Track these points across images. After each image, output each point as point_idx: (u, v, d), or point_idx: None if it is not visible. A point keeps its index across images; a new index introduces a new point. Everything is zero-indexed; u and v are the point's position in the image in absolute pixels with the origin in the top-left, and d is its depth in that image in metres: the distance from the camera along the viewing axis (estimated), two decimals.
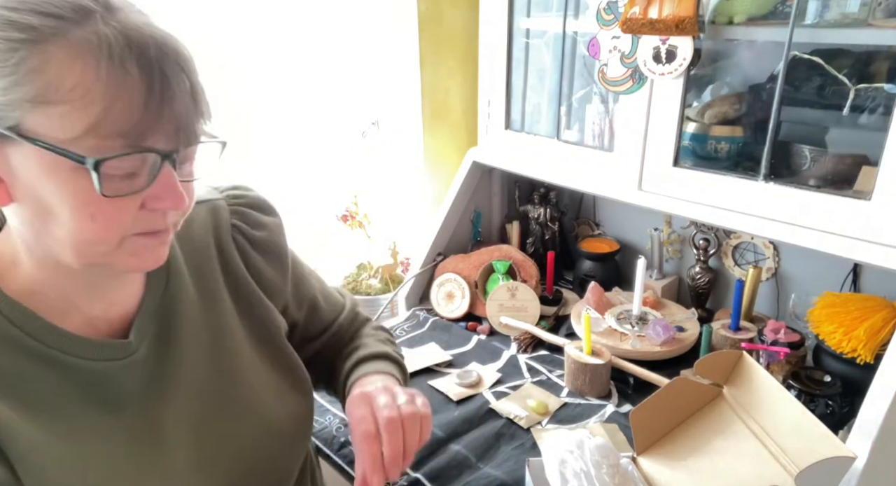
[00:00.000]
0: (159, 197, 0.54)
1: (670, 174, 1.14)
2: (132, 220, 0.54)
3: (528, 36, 1.39)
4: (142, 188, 0.52)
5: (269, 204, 0.80)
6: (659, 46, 1.08)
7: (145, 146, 0.51)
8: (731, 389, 0.89)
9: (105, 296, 0.62)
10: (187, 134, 0.53)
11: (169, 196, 0.54)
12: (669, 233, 1.45)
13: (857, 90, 0.98)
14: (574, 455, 0.84)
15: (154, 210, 0.55)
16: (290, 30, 1.62)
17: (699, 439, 0.88)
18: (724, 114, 1.15)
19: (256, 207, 0.77)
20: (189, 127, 0.53)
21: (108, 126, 0.48)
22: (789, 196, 1.00)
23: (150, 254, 0.57)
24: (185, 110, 0.52)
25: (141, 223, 0.54)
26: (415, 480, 0.97)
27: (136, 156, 0.51)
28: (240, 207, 0.76)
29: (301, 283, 0.83)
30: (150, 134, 0.50)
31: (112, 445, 0.60)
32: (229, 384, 0.69)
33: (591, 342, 1.18)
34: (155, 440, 0.62)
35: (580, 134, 1.36)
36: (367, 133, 1.68)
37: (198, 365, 0.67)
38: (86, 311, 0.61)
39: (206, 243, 0.71)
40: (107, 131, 0.48)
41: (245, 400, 0.70)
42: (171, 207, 0.54)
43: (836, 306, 1.06)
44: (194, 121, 0.54)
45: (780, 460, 0.77)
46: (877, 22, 0.91)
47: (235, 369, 0.71)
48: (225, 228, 0.73)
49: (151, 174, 0.52)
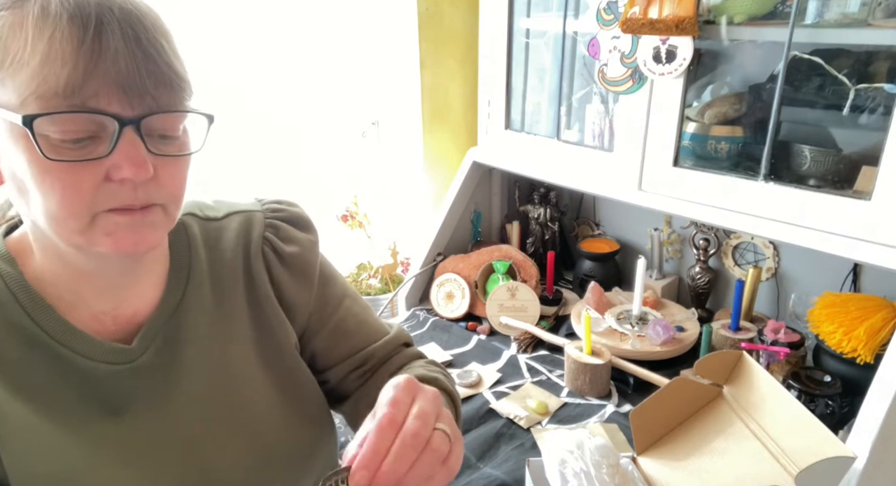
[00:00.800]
0: (118, 166, 0.51)
1: (670, 174, 1.14)
2: (95, 192, 0.51)
3: (528, 36, 1.39)
4: (101, 156, 0.51)
5: (307, 221, 0.77)
6: (659, 46, 1.08)
7: (90, 107, 0.49)
8: (731, 389, 0.89)
9: (114, 293, 0.61)
10: (142, 98, 0.51)
11: (127, 164, 0.51)
12: (669, 233, 1.45)
13: (857, 90, 0.98)
14: (574, 455, 0.84)
15: (121, 182, 0.52)
16: (290, 30, 1.62)
17: (699, 439, 0.88)
18: (724, 114, 1.15)
19: (292, 221, 0.75)
20: (142, 90, 0.51)
21: (43, 84, 0.48)
22: (789, 196, 1.00)
23: (127, 236, 0.54)
24: (130, 70, 0.50)
25: (109, 198, 0.52)
26: None
27: (80, 117, 0.49)
28: (276, 220, 0.74)
29: (328, 303, 0.78)
30: (87, 93, 0.49)
31: (101, 445, 0.59)
32: (230, 405, 0.67)
33: (591, 342, 1.18)
34: (144, 451, 0.61)
35: (580, 134, 1.36)
36: (367, 133, 1.68)
37: (201, 380, 0.65)
38: (92, 306, 0.61)
39: (235, 255, 0.70)
40: (44, 90, 0.48)
41: (243, 422, 0.68)
42: (129, 175, 0.51)
43: (836, 306, 1.06)
44: (151, 85, 0.51)
45: (780, 460, 0.77)
46: (877, 22, 0.91)
47: (239, 390, 0.68)
48: (256, 241, 0.71)
49: (112, 142, 0.51)
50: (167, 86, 0.52)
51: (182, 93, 0.54)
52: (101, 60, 0.49)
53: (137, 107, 0.51)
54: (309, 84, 1.70)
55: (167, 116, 0.54)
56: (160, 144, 0.54)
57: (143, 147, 0.52)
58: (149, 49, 0.51)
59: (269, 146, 1.70)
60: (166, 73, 0.52)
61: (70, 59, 0.48)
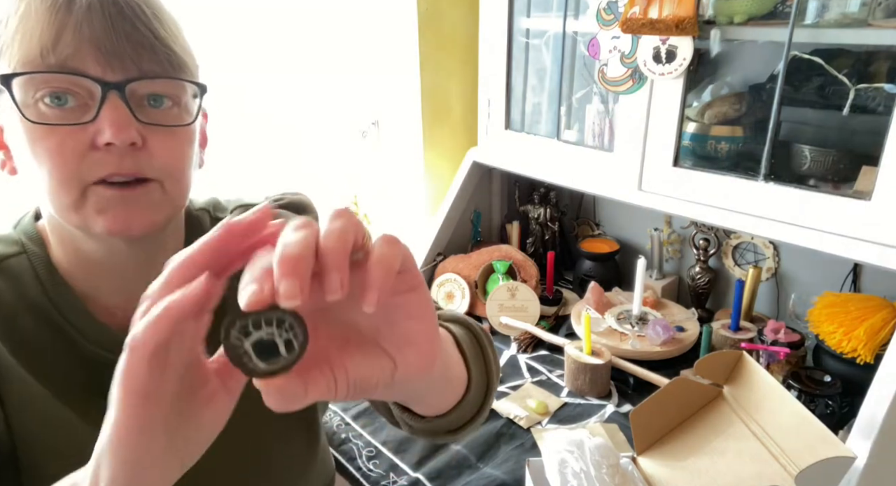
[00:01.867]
0: (101, 130, 0.51)
1: (670, 174, 1.14)
2: (81, 159, 0.51)
3: (528, 36, 1.39)
4: (86, 121, 0.51)
5: (307, 204, 0.77)
6: (659, 46, 1.08)
7: (69, 67, 0.49)
8: (731, 389, 0.89)
9: (126, 286, 0.60)
10: (122, 61, 0.51)
11: (108, 127, 0.50)
12: (669, 233, 1.45)
13: (857, 90, 0.98)
14: (574, 455, 0.84)
15: (106, 150, 0.51)
16: (289, 30, 1.62)
17: (699, 439, 0.88)
18: (724, 114, 1.15)
19: (291, 207, 0.76)
20: (120, 52, 0.50)
21: (22, 47, 0.49)
22: (789, 196, 1.00)
23: (119, 213, 0.53)
24: (105, 29, 0.50)
25: (95, 166, 0.52)
26: (415, 480, 0.97)
27: (58, 77, 0.50)
28: (275, 209, 0.74)
29: None
30: (65, 52, 0.49)
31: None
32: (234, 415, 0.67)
33: (591, 342, 1.18)
34: None
35: (580, 134, 1.35)
36: (367, 133, 1.67)
37: None
38: (105, 298, 0.61)
39: None
40: (24, 53, 0.49)
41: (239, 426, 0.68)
42: (109, 138, 0.51)
43: (836, 306, 1.06)
44: (129, 48, 0.51)
45: (780, 460, 0.77)
46: (877, 22, 0.91)
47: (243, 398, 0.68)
48: None
49: (97, 108, 0.51)
50: (149, 50, 0.52)
51: (169, 62, 0.53)
52: (70, 17, 0.49)
53: (119, 71, 0.51)
54: (309, 84, 1.70)
55: (154, 84, 0.53)
56: (151, 113, 0.54)
57: (126, 112, 0.51)
58: (125, 10, 0.51)
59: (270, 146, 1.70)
60: (146, 35, 0.52)
61: (43, 17, 0.49)
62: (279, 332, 0.33)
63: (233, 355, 0.32)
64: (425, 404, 0.54)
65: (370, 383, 0.37)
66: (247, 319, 0.32)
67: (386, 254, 0.35)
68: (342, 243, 0.33)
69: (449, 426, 0.57)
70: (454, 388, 0.55)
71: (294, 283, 0.31)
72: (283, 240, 0.33)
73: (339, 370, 0.36)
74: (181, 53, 0.55)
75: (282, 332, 0.33)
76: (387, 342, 0.39)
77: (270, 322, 0.32)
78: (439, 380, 0.51)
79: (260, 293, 0.31)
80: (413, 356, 0.39)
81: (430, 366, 0.40)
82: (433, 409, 0.55)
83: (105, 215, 0.53)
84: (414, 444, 1.04)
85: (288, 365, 0.33)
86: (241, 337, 0.32)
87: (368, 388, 0.38)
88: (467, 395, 0.56)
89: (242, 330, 0.32)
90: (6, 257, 0.59)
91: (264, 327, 0.32)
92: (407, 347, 0.39)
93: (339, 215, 0.35)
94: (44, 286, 0.58)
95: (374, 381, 0.38)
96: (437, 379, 0.50)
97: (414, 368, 0.39)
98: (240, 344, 0.32)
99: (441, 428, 0.57)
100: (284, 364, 0.33)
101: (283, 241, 0.33)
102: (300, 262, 0.32)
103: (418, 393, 0.50)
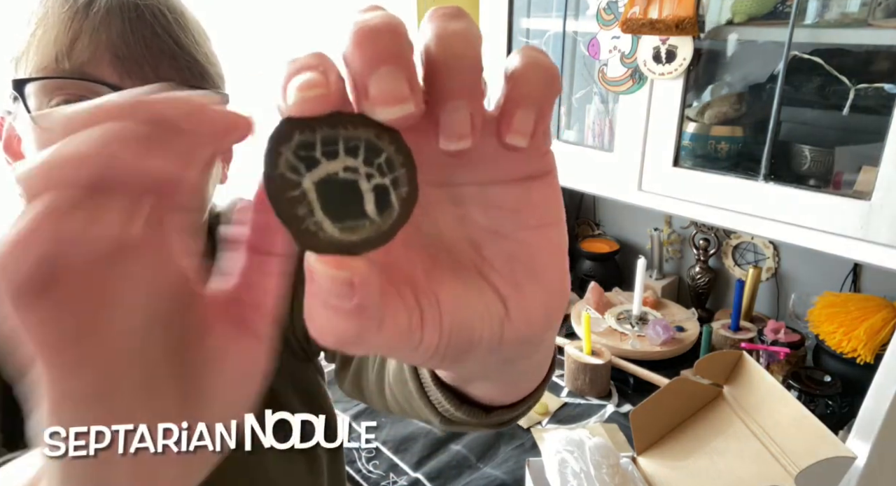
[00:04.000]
0: None
1: (670, 174, 1.14)
2: None
3: (528, 36, 1.39)
4: None
5: None
6: (659, 46, 1.08)
7: (83, 73, 0.48)
8: (731, 389, 0.89)
9: None
10: (140, 67, 0.49)
11: None
12: (669, 233, 1.45)
13: (857, 90, 0.98)
14: (574, 455, 0.84)
15: None
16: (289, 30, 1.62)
17: (699, 439, 0.88)
18: (724, 114, 1.15)
19: None
20: (138, 58, 0.48)
21: (39, 53, 0.48)
22: (789, 196, 1.00)
23: None
24: (123, 34, 0.48)
25: None
26: (415, 480, 0.97)
27: (72, 83, 0.48)
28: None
29: None
30: (80, 58, 0.48)
31: None
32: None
33: (591, 342, 1.18)
34: None
35: (580, 134, 1.35)
36: None
37: None
38: None
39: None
40: (40, 59, 0.48)
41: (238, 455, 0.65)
42: None
43: (836, 306, 1.06)
44: (147, 54, 0.49)
45: (780, 460, 0.77)
46: (877, 22, 0.91)
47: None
48: None
49: None
50: (168, 57, 0.50)
51: (190, 70, 0.51)
52: (87, 21, 0.47)
53: (137, 78, 0.49)
54: None
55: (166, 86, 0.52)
56: None
57: None
58: (146, 15, 0.49)
59: None
60: (166, 42, 0.50)
61: (60, 21, 0.47)
62: (368, 171, 0.18)
63: (278, 197, 0.18)
64: (504, 383, 0.37)
65: (472, 334, 0.24)
66: (314, 131, 0.18)
67: (543, 64, 0.21)
68: (472, 47, 0.20)
69: (503, 419, 0.42)
70: (542, 367, 0.37)
71: (399, 73, 0.18)
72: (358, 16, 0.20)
73: (428, 300, 0.23)
74: (203, 62, 0.53)
75: (373, 172, 0.18)
76: (494, 272, 0.24)
77: (356, 149, 0.18)
78: (545, 348, 0.34)
79: (326, 84, 0.18)
80: (534, 297, 0.25)
81: (557, 316, 0.26)
82: (507, 394, 0.39)
83: None
84: (414, 444, 1.04)
85: (380, 237, 0.18)
86: (298, 164, 0.18)
87: (468, 343, 0.24)
88: (547, 378, 0.40)
89: (304, 150, 0.18)
90: None
91: (343, 156, 0.18)
92: (528, 282, 0.24)
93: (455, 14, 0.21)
94: None
95: (477, 331, 0.24)
96: (546, 345, 0.33)
97: (537, 317, 0.25)
98: (295, 178, 0.18)
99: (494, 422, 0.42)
100: (373, 234, 0.18)
101: (358, 16, 0.20)
102: (400, 42, 0.19)
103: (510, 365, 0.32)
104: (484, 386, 0.39)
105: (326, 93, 0.18)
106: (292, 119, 0.18)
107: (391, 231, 0.19)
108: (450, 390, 0.42)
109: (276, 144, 0.18)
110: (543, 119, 0.21)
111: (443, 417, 0.44)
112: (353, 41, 0.18)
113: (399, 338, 0.22)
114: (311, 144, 0.18)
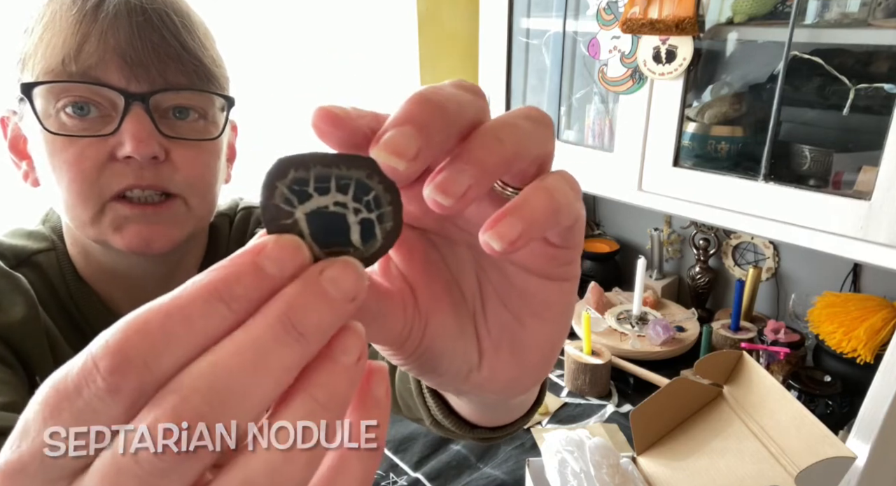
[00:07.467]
0: (121, 142, 0.49)
1: (670, 174, 1.14)
2: (100, 171, 0.50)
3: (528, 36, 1.39)
4: (107, 133, 0.50)
5: None
6: (659, 46, 1.08)
7: (91, 77, 0.48)
8: (731, 389, 0.89)
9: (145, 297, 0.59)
10: (147, 71, 0.49)
11: (129, 139, 0.48)
12: (669, 233, 1.45)
13: (857, 90, 0.98)
14: (574, 455, 0.84)
15: (126, 162, 0.50)
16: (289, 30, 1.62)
17: (699, 439, 0.88)
18: (724, 114, 1.15)
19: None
20: (145, 61, 0.49)
21: (46, 56, 0.48)
22: (789, 196, 1.00)
23: (139, 230, 0.51)
24: (131, 38, 0.48)
25: (114, 178, 0.50)
26: (415, 480, 0.97)
27: (79, 87, 0.48)
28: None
29: None
30: (88, 62, 0.48)
31: None
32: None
33: (591, 342, 1.18)
34: None
35: (580, 134, 1.35)
36: None
37: None
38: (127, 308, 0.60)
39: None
40: (48, 62, 0.48)
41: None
42: (130, 150, 0.49)
43: (836, 306, 1.06)
44: (155, 58, 0.49)
45: (780, 460, 0.77)
46: (877, 22, 0.91)
47: None
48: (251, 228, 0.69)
49: (119, 119, 0.49)
50: (175, 60, 0.50)
51: (196, 73, 0.52)
52: (95, 25, 0.48)
53: (144, 81, 0.50)
54: (308, 84, 1.70)
55: (180, 96, 0.52)
56: (176, 125, 0.52)
57: (149, 124, 0.50)
58: (153, 19, 0.49)
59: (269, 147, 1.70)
60: (173, 45, 0.50)
61: (67, 25, 0.48)
62: (356, 206, 0.20)
63: (272, 224, 0.20)
64: (478, 410, 0.42)
65: (439, 363, 0.26)
66: (309, 168, 0.20)
67: (560, 189, 0.22)
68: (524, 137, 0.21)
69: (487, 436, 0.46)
70: (521, 407, 0.42)
71: (412, 134, 0.19)
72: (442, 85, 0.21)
73: (418, 319, 0.25)
74: (210, 65, 0.53)
75: (360, 207, 0.20)
76: (485, 328, 0.27)
77: (346, 186, 0.20)
78: (520, 401, 0.39)
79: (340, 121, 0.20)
80: (508, 366, 0.26)
81: (523, 389, 0.28)
82: (483, 418, 0.43)
83: (122, 233, 0.52)
84: (414, 444, 1.04)
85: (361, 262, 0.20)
86: (291, 196, 0.20)
87: (432, 368, 0.26)
88: (528, 414, 0.44)
89: (298, 185, 0.20)
90: (36, 253, 0.57)
91: (333, 192, 0.20)
92: (508, 353, 0.26)
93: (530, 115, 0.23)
94: (68, 287, 0.57)
95: (445, 364, 0.26)
96: (519, 399, 0.37)
97: (500, 384, 0.27)
98: (288, 208, 0.20)
99: (479, 437, 0.46)
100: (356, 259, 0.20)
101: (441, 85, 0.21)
102: (437, 112, 0.20)
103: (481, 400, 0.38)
104: (461, 404, 0.42)
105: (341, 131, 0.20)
106: (290, 158, 0.20)
107: (372, 259, 0.21)
108: (440, 398, 0.45)
109: (272, 179, 0.20)
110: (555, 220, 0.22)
111: (434, 420, 0.47)
112: (410, 98, 0.20)
113: (387, 335, 0.25)
114: (305, 181, 0.20)
